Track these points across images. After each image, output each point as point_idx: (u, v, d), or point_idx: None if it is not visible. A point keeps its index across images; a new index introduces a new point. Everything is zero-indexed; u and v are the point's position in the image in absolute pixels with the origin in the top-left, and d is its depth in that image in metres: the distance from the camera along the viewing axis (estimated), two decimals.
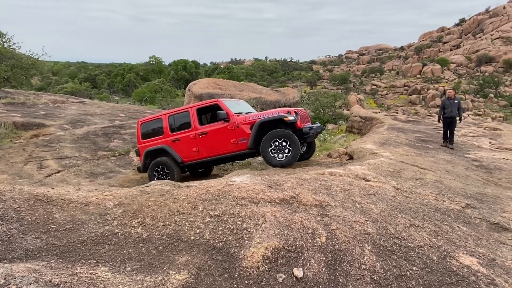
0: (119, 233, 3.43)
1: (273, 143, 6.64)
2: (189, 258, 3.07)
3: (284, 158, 6.61)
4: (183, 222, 3.54)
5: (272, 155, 6.67)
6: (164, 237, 3.35)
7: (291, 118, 6.64)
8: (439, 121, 9.75)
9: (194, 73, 47.74)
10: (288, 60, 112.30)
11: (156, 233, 3.41)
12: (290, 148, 6.57)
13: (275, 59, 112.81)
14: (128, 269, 2.92)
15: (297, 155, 6.61)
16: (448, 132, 9.25)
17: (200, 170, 8.71)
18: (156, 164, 7.70)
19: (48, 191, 4.07)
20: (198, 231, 3.42)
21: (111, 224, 3.56)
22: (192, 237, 3.34)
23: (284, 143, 6.61)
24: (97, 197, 4.03)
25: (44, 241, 3.24)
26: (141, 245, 3.26)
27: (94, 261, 3.00)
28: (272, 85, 53.68)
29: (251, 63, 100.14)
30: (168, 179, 7.44)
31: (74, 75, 56.90)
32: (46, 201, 3.85)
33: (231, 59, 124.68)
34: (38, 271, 2.62)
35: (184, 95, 17.29)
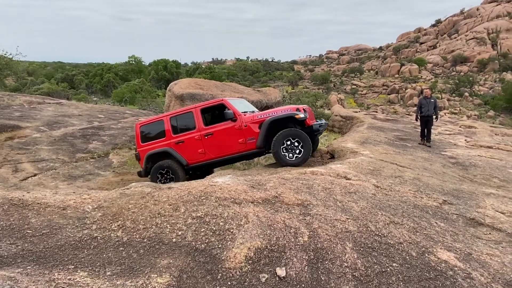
0: (99, 237, 3.36)
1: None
2: (171, 260, 3.03)
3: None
4: (165, 224, 3.50)
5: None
6: (145, 240, 3.30)
7: (302, 115, 6.66)
8: (416, 119, 9.97)
9: (175, 73, 47.22)
10: (270, 60, 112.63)
11: (137, 236, 3.36)
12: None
13: (256, 59, 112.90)
14: (108, 273, 2.86)
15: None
16: (426, 130, 9.48)
17: (198, 173, 8.51)
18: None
19: (23, 195, 3.95)
20: (180, 233, 3.38)
21: (90, 228, 3.48)
22: (174, 239, 3.30)
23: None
24: (75, 200, 3.93)
25: (19, 247, 3.13)
26: (121, 248, 3.20)
27: (73, 267, 2.93)
28: (254, 85, 53.73)
29: (232, 63, 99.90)
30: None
31: (50, 75, 55.37)
32: (22, 206, 3.73)
33: (213, 59, 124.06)
34: (13, 279, 2.54)
35: (165, 95, 17.10)
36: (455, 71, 62.86)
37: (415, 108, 10.14)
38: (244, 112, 7.26)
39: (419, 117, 9.61)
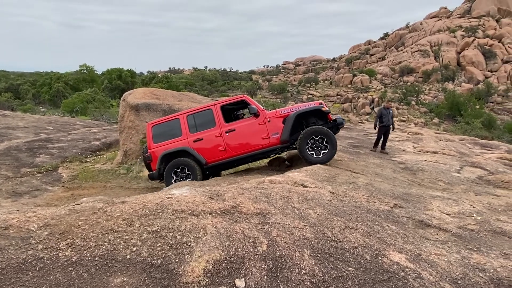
0: (45, 258, 3.13)
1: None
2: (124, 278, 2.90)
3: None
4: (118, 240, 3.34)
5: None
6: (96, 258, 3.13)
7: (327, 108, 6.85)
8: (375, 128, 10.16)
9: (130, 82, 45.86)
10: (228, 69, 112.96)
11: (88, 254, 3.18)
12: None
13: (214, 68, 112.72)
14: None
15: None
16: (384, 139, 9.83)
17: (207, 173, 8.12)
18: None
19: None
20: (134, 249, 3.25)
21: (36, 248, 3.24)
22: (128, 256, 3.16)
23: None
24: (18, 219, 3.65)
25: None
26: (70, 268, 3.01)
27: None
28: (212, 95, 53.56)
29: (190, 73, 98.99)
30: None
31: None
32: None
33: (170, 68, 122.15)
34: None
35: (119, 106, 16.56)
36: (402, 81, 66.77)
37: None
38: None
39: (377, 126, 9.81)
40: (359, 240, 3.72)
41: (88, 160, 11.70)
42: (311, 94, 66.57)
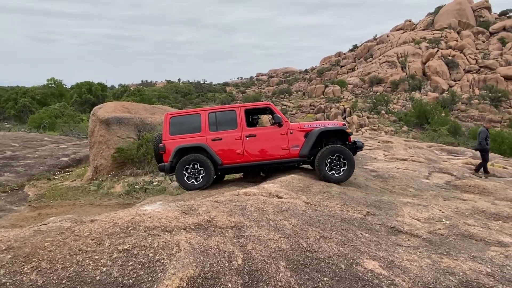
0: (8, 283, 2.96)
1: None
2: None
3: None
4: (87, 261, 3.21)
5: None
6: (64, 281, 2.98)
7: (350, 130, 6.98)
8: (480, 151, 9.27)
9: (100, 96, 44.84)
10: (202, 82, 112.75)
11: (54, 277, 3.02)
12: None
13: (188, 81, 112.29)
14: None
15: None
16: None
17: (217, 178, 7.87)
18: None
19: None
20: (104, 269, 3.12)
21: None
22: (98, 277, 3.04)
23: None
24: None
25: None
26: None
27: None
28: (186, 107, 53.14)
29: (163, 85, 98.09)
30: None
31: None
32: None
33: (142, 81, 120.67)
34: None
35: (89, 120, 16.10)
36: (372, 91, 68.88)
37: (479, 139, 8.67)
38: None
39: (482, 149, 9.10)
40: (333, 249, 3.75)
41: (56, 177, 11.27)
42: (285, 105, 67.36)
